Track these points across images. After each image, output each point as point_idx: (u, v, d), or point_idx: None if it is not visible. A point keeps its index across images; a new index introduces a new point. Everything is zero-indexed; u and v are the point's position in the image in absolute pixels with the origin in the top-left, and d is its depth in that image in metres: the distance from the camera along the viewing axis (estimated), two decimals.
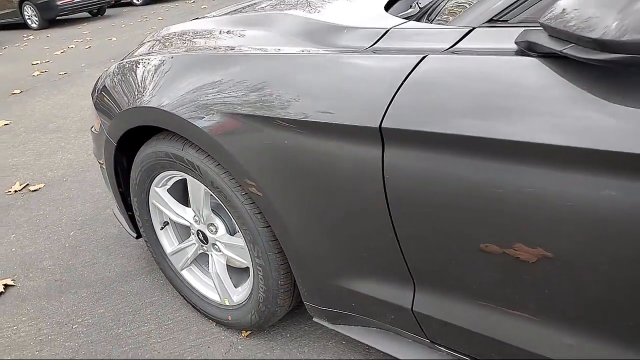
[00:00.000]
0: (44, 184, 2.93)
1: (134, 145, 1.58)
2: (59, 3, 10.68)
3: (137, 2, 12.96)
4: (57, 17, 11.28)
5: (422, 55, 0.90)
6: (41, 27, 11.02)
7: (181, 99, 1.26)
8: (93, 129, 1.77)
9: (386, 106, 0.92)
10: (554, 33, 0.70)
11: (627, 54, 0.61)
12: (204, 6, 10.44)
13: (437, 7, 1.17)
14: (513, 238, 0.83)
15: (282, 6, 1.53)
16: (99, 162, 1.79)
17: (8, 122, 4.29)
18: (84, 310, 1.81)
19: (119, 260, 2.08)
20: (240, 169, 1.19)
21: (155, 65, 1.43)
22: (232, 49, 1.28)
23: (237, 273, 1.60)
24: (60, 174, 3.05)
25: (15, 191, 2.89)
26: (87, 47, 7.66)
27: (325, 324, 1.36)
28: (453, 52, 0.88)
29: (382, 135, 0.93)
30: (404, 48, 0.96)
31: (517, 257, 0.85)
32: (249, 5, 1.80)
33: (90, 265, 2.07)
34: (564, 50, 0.68)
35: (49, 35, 9.87)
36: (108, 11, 12.49)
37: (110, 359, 1.48)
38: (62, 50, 7.62)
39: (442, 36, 0.92)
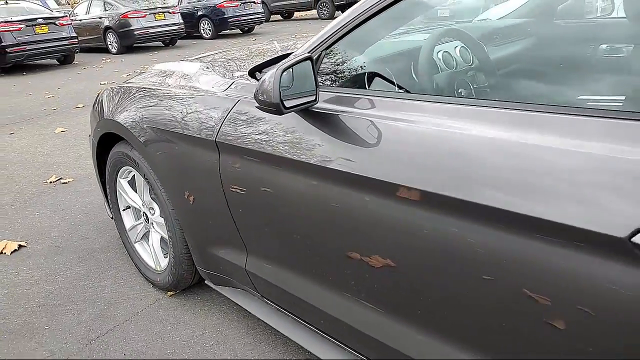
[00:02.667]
0: (73, 179, 3.65)
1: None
2: (136, 32, 12.07)
3: (206, 36, 14.28)
4: (134, 45, 12.69)
5: (238, 99, 1.45)
6: (119, 52, 12.44)
7: (131, 117, 1.86)
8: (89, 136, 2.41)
9: (219, 127, 1.47)
10: None
11: (261, 105, 1.16)
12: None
13: None
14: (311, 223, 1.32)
15: (220, 59, 2.12)
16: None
17: (64, 129, 5.16)
18: (67, 268, 2.42)
19: (105, 237, 2.69)
20: (156, 166, 1.76)
21: (129, 92, 2.04)
22: (161, 86, 1.87)
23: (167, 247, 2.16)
24: (88, 173, 3.76)
25: (51, 182, 3.63)
26: None
27: (211, 284, 1.88)
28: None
29: (217, 146, 1.48)
30: (233, 93, 1.51)
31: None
32: (217, 52, 2.41)
33: (84, 239, 2.70)
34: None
35: (122, 60, 11.17)
36: (179, 42, 13.84)
37: (114, 359, 2.01)
38: (128, 74, 8.71)
39: (251, 88, 1.47)
